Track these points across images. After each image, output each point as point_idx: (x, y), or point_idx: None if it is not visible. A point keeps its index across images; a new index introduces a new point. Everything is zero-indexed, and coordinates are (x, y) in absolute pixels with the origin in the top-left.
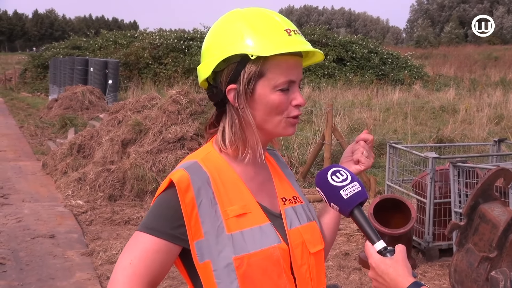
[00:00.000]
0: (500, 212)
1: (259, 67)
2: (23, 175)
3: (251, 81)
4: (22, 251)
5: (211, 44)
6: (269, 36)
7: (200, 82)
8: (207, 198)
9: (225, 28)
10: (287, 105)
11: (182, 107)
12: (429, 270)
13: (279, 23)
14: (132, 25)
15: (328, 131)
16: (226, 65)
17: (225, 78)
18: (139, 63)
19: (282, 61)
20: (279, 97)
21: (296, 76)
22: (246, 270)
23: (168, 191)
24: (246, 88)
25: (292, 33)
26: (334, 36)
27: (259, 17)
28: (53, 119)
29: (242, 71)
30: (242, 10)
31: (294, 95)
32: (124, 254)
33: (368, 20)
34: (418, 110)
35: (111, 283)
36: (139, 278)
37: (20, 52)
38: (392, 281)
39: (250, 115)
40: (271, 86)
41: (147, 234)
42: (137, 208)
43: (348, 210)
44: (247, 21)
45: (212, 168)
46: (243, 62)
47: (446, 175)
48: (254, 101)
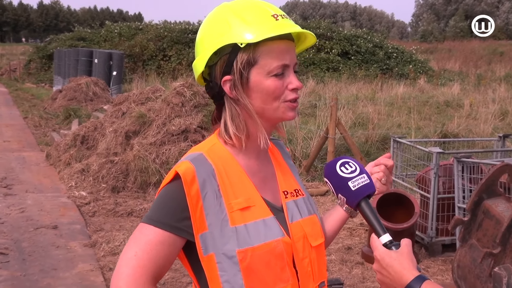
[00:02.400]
0: (504, 208)
1: (250, 54)
2: (27, 165)
3: (244, 69)
4: (25, 241)
5: (202, 39)
6: (256, 23)
7: (196, 79)
8: (212, 190)
9: (213, 22)
10: (283, 90)
11: (186, 99)
12: (432, 265)
13: (266, 9)
14: (137, 17)
15: (332, 124)
16: (218, 57)
17: (219, 70)
18: (144, 55)
19: (273, 47)
20: (274, 82)
21: (289, 60)
22: (249, 263)
23: (174, 183)
24: (240, 77)
25: (279, 18)
26: (339, 30)
27: (245, 7)
28: (57, 110)
29: (234, 61)
30: (228, 3)
31: (289, 79)
32: (129, 246)
33: (373, 14)
34: (423, 105)
35: (115, 275)
36: (144, 270)
37: (25, 43)
38: (396, 274)
39: (249, 103)
40: (265, 72)
41: (152, 226)
42: (140, 200)
43: (355, 202)
44: (233, 11)
45: (217, 160)
46: (234, 52)
47: (450, 170)
48: (250, 89)
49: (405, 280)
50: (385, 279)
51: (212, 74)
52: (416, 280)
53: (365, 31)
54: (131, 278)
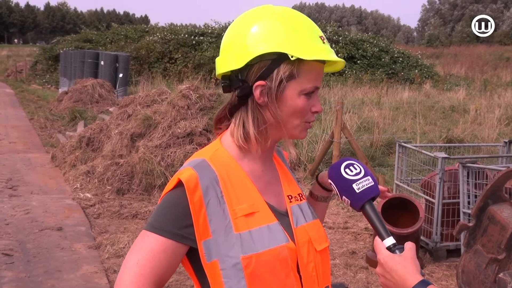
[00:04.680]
0: (510, 214)
1: (294, 69)
2: (32, 167)
3: (283, 81)
4: (29, 243)
5: (244, 37)
6: (307, 39)
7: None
8: (215, 197)
9: (260, 23)
10: (308, 111)
11: (192, 102)
12: (436, 270)
13: (315, 29)
14: (143, 19)
15: (337, 128)
16: (258, 60)
17: (255, 73)
18: (150, 57)
19: (313, 67)
20: (303, 101)
21: (320, 83)
22: (254, 269)
23: (176, 190)
24: (276, 87)
25: (325, 41)
26: (345, 34)
27: (297, 20)
28: (63, 111)
29: (276, 69)
30: (276, 8)
31: (314, 102)
32: (131, 253)
33: (379, 18)
34: (428, 110)
35: (118, 282)
36: (146, 278)
37: (32, 44)
38: (400, 278)
39: (278, 113)
40: (299, 90)
41: (154, 234)
42: (145, 202)
43: (359, 204)
44: (284, 20)
45: (220, 166)
46: (278, 61)
47: (455, 175)
48: (280, 101)
49: (408, 284)
50: (389, 283)
51: (244, 73)
52: (420, 284)
53: (371, 36)
54: (133, 286)
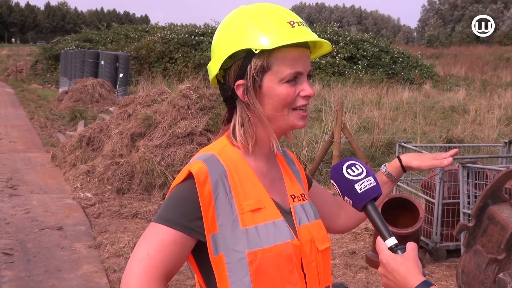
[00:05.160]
0: (510, 214)
1: (264, 60)
2: (32, 166)
3: (258, 75)
4: (29, 242)
5: (218, 42)
6: (272, 29)
7: (211, 80)
8: (224, 191)
9: (230, 25)
10: (295, 97)
11: (192, 102)
12: (436, 270)
13: (283, 16)
14: (143, 19)
15: (337, 129)
16: (233, 61)
17: (233, 74)
18: (150, 57)
19: (287, 54)
20: (286, 89)
21: (303, 67)
22: (259, 265)
23: (186, 183)
24: (253, 83)
25: (295, 25)
26: (345, 34)
27: (262, 12)
28: (63, 111)
29: (248, 66)
30: (246, 6)
31: (302, 86)
32: (141, 245)
33: (379, 18)
34: (428, 110)
35: (126, 274)
36: (156, 269)
37: (32, 44)
38: (402, 278)
39: (260, 109)
40: (278, 79)
41: (164, 225)
42: (145, 202)
43: (361, 205)
44: (250, 16)
45: (229, 161)
46: (248, 57)
47: (455, 175)
48: (263, 95)
49: (410, 285)
50: (391, 283)
51: (226, 77)
52: (422, 285)
53: (371, 36)
54: (143, 277)
